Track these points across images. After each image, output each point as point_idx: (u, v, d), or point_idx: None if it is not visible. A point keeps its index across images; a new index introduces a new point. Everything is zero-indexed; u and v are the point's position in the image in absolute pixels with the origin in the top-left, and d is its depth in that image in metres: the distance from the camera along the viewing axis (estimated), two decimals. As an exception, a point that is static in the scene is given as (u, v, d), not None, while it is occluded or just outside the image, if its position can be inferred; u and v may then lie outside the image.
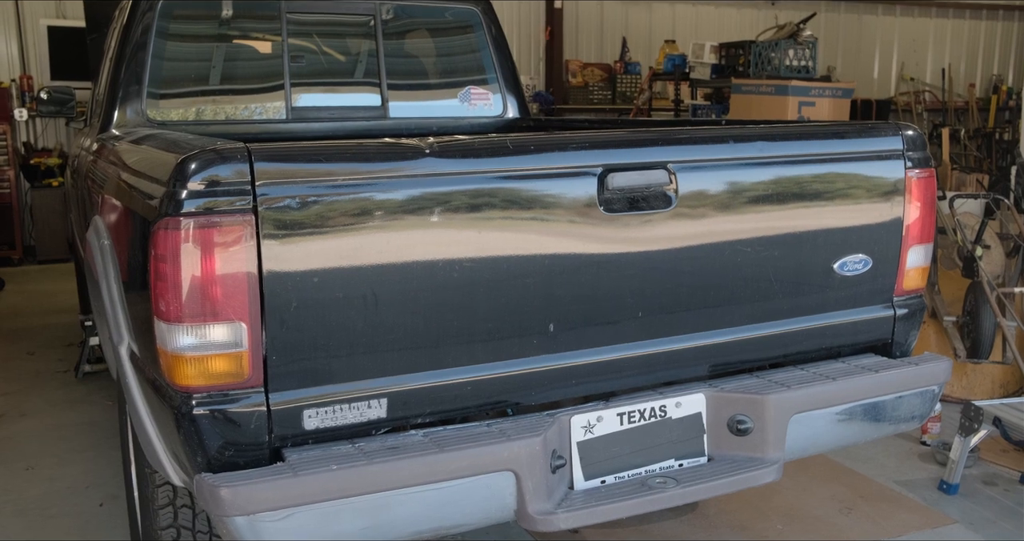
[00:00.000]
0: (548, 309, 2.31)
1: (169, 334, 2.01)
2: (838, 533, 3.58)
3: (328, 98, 4.32)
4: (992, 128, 10.47)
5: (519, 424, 2.29)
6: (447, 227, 2.15)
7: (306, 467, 2.02)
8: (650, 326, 2.46)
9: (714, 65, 9.41)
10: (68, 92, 5.12)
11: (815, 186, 2.62)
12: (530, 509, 2.20)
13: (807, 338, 2.71)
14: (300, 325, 2.05)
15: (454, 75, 4.64)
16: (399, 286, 2.12)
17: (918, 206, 2.75)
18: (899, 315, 2.82)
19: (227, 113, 4.07)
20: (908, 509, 3.78)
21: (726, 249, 2.51)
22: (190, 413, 2.03)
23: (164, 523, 2.63)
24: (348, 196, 2.05)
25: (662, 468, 2.45)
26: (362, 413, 2.15)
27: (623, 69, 12.50)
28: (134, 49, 3.81)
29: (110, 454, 4.33)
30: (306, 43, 4.32)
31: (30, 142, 9.97)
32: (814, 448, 2.66)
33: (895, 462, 4.26)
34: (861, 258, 2.71)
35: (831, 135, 2.71)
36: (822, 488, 3.97)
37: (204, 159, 1.97)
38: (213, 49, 4.15)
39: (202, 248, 1.96)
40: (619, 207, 2.33)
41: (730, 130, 2.62)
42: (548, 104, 11.87)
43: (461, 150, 2.21)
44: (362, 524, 2.06)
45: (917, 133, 2.77)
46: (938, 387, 2.79)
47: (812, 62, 8.20)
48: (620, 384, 2.49)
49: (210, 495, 1.98)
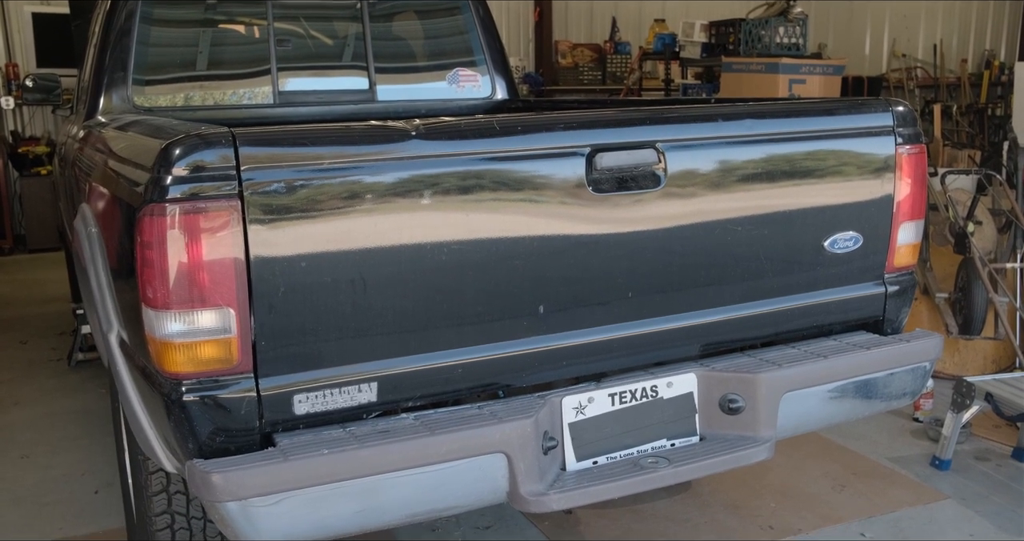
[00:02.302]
0: (538, 291, 2.30)
1: (157, 321, 2.00)
2: (831, 510, 3.60)
3: (315, 82, 4.29)
4: (984, 104, 10.43)
5: (510, 406, 2.29)
6: (435, 209, 2.14)
7: (297, 452, 2.02)
8: (640, 306, 2.45)
9: (704, 44, 9.36)
10: (54, 79, 5.10)
11: (805, 164, 2.61)
12: (522, 490, 2.20)
13: (798, 316, 2.71)
14: (289, 310, 2.04)
15: (442, 57, 4.61)
16: (388, 269, 2.11)
17: (909, 182, 2.74)
18: (890, 292, 2.82)
19: (214, 98, 4.05)
20: (901, 485, 3.80)
21: (716, 228, 2.50)
22: (180, 400, 2.02)
23: (158, 509, 2.62)
24: (335, 180, 2.04)
25: (654, 448, 2.46)
26: (352, 397, 2.14)
27: (613, 49, 12.44)
28: (118, 35, 3.78)
29: (104, 442, 4.33)
30: (292, 27, 4.29)
31: (17, 130, 9.91)
32: (806, 426, 2.67)
33: (887, 439, 4.27)
34: (852, 235, 2.70)
35: (820, 112, 2.70)
36: (815, 466, 3.99)
37: (188, 144, 1.96)
38: (198, 34, 4.12)
39: (188, 234, 1.94)
40: (608, 187, 2.32)
41: (718, 108, 2.61)
42: (538, 85, 11.82)
43: (448, 132, 2.20)
44: (354, 508, 2.06)
45: (907, 109, 2.76)
46: (929, 364, 2.80)
47: (803, 39, 8.16)
48: (611, 365, 2.49)
49: (202, 481, 1.98)
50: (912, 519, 3.52)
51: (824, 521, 3.51)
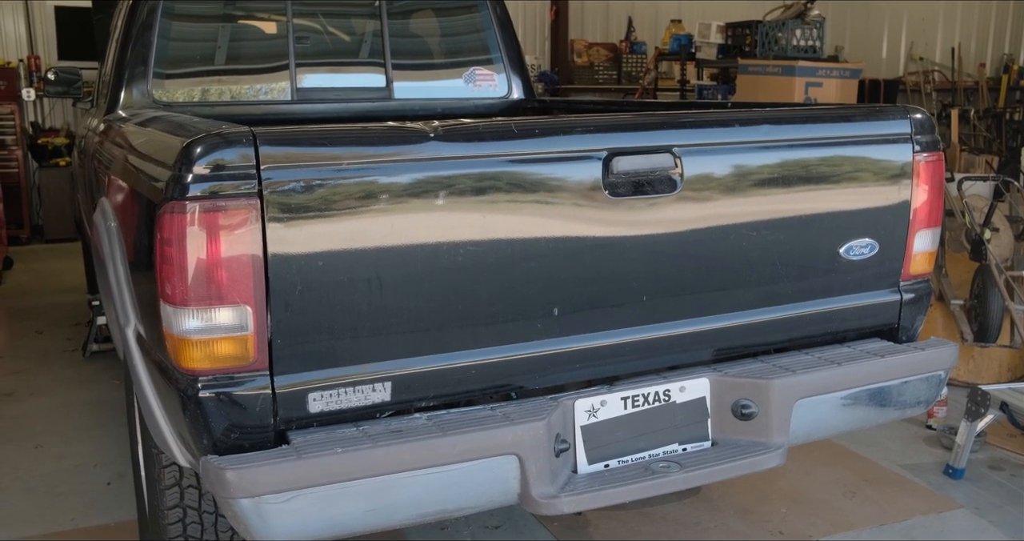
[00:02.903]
0: (552, 293, 2.30)
1: (175, 317, 2.01)
2: (842, 517, 3.59)
3: (333, 79, 4.31)
4: (1002, 108, 10.34)
5: (523, 408, 2.30)
6: (452, 210, 2.14)
7: (310, 450, 2.03)
8: (654, 310, 2.45)
9: (721, 45, 9.33)
10: (75, 72, 5.12)
11: (821, 170, 2.60)
12: (534, 493, 2.20)
13: (812, 323, 2.70)
14: (305, 308, 2.05)
15: (459, 56, 4.62)
16: (403, 270, 2.12)
17: (926, 190, 2.73)
18: (905, 300, 2.81)
19: (232, 94, 4.07)
20: (913, 493, 3.79)
21: (731, 233, 2.50)
22: (196, 396, 2.04)
23: (171, 503, 2.64)
24: (353, 180, 2.05)
25: (666, 452, 2.46)
26: (366, 396, 2.15)
27: (629, 49, 12.41)
28: (140, 30, 3.80)
29: (117, 433, 4.35)
30: (311, 23, 4.30)
31: (38, 122, 9.97)
32: (818, 433, 2.66)
33: (900, 446, 4.26)
34: (868, 242, 2.70)
35: (838, 118, 2.70)
36: (826, 472, 3.98)
37: (209, 143, 1.97)
38: (218, 30, 4.13)
39: (207, 232, 1.96)
40: (624, 191, 2.32)
41: (735, 113, 2.61)
42: (553, 84, 11.80)
43: (466, 134, 2.21)
44: (366, 507, 2.07)
45: (925, 116, 2.75)
46: (944, 372, 2.79)
47: (820, 42, 8.12)
48: (624, 368, 2.49)
49: (215, 477, 1.99)
50: (924, 528, 3.51)
51: (835, 528, 3.51)
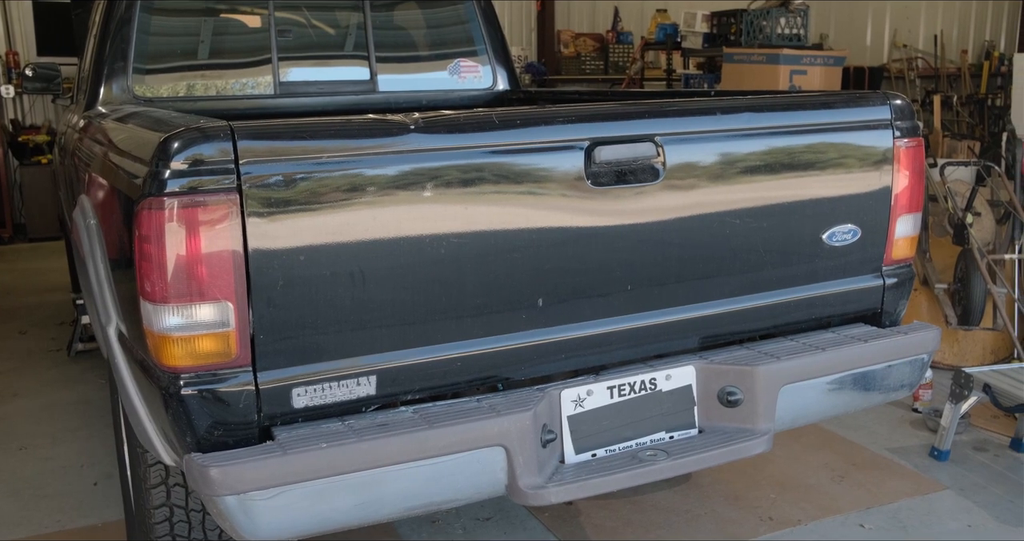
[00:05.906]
0: (537, 283, 2.30)
1: (155, 314, 2.00)
2: (831, 501, 3.61)
3: (316, 72, 4.28)
4: (984, 94, 10.40)
5: (509, 399, 2.30)
6: (434, 202, 2.14)
7: (295, 445, 2.03)
8: (639, 299, 2.45)
9: (706, 34, 9.32)
10: (54, 68, 5.08)
11: (803, 157, 2.61)
12: (521, 483, 2.20)
13: (796, 309, 2.71)
14: (287, 303, 2.04)
15: (443, 47, 4.60)
16: (386, 263, 2.11)
17: (907, 175, 2.74)
18: (888, 284, 2.82)
19: (215, 89, 4.04)
20: (900, 476, 3.81)
21: (715, 221, 2.50)
22: (178, 393, 2.03)
23: (157, 502, 2.63)
24: (334, 173, 2.04)
25: (653, 441, 2.46)
26: (351, 390, 2.15)
27: (615, 39, 12.41)
28: (119, 24, 3.77)
29: (103, 433, 4.33)
30: (293, 16, 4.27)
31: (18, 119, 9.89)
32: (805, 418, 2.67)
33: (887, 429, 4.28)
34: (850, 228, 2.70)
35: (819, 105, 2.70)
36: (814, 457, 4.00)
37: (187, 138, 1.95)
38: (199, 24, 4.10)
39: (187, 228, 1.94)
40: (607, 180, 2.32)
41: (717, 102, 2.60)
42: (540, 75, 11.79)
43: (447, 125, 2.20)
44: (353, 501, 2.07)
45: (905, 102, 2.76)
46: (927, 355, 2.80)
47: (804, 30, 8.13)
48: (610, 357, 2.49)
49: (200, 475, 1.98)
50: (911, 510, 3.53)
51: (823, 512, 3.52)
